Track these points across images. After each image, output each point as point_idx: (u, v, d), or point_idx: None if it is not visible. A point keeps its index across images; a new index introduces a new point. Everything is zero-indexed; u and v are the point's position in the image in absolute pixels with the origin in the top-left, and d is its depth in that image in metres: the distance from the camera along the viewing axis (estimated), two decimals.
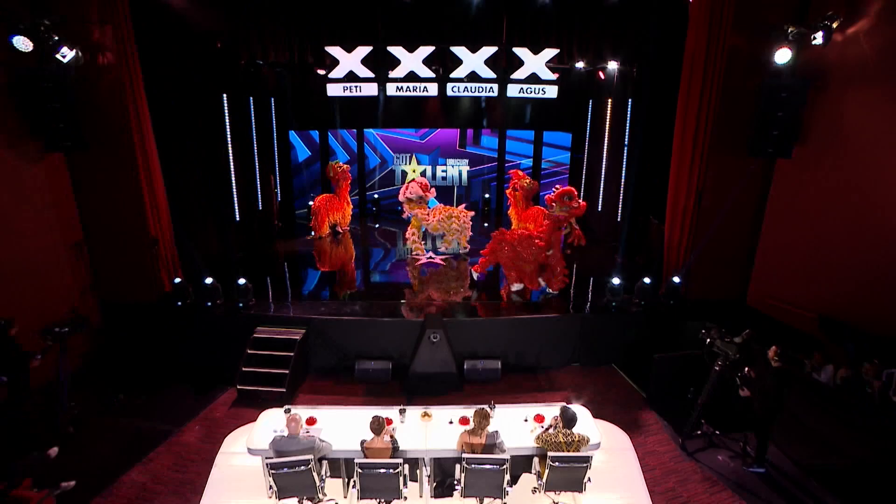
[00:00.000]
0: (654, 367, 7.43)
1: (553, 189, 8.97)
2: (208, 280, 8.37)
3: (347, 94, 9.96)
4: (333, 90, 9.94)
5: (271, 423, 5.36)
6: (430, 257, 10.91)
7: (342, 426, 5.33)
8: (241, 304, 8.38)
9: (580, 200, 8.69)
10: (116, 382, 7.58)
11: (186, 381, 7.75)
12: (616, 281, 8.54)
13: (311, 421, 5.37)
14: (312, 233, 12.26)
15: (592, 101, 12.47)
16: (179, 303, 8.36)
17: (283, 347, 7.79)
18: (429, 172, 15.05)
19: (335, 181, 12.29)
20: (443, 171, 15.08)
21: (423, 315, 8.20)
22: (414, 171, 14.90)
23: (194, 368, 7.94)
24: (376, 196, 15.01)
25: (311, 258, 11.45)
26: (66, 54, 6.57)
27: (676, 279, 8.72)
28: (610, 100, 11.49)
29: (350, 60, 9.66)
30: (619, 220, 11.16)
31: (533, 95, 10.05)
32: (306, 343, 8.08)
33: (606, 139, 11.83)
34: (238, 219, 10.82)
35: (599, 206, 12.26)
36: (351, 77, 9.78)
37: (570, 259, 10.72)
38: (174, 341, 8.18)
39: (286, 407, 5.35)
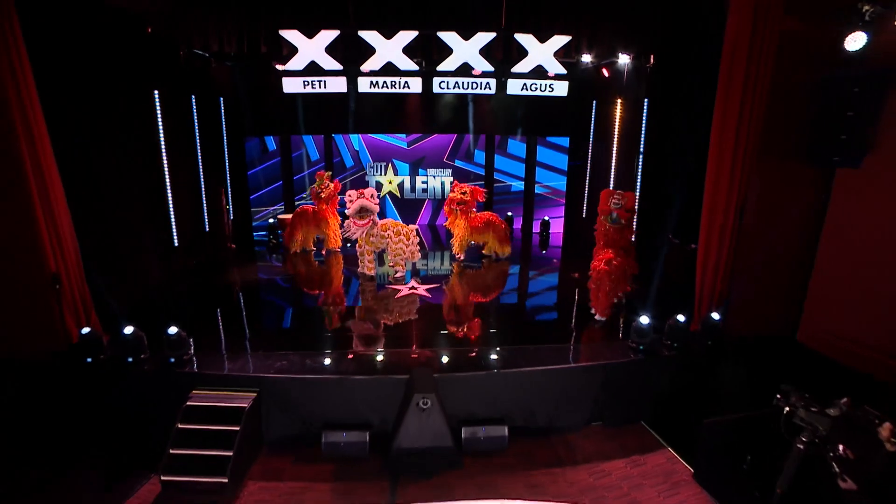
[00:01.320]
0: (702, 435, 5.92)
1: (614, 199, 8.02)
2: (128, 329, 6.52)
3: (308, 90, 8.22)
4: (291, 85, 8.19)
5: None
6: (413, 287, 9.23)
7: None
8: (172, 360, 6.56)
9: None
10: None
11: (93, 469, 5.86)
12: (644, 320, 7.05)
13: None
14: (271, 255, 10.48)
15: (597, 102, 11.07)
16: (89, 359, 6.49)
17: (227, 419, 6.01)
18: (407, 184, 13.41)
19: (319, 196, 10.54)
20: (423, 182, 13.45)
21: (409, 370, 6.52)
22: (391, 183, 13.24)
23: (105, 449, 6.07)
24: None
25: (271, 290, 9.66)
26: None
27: (716, 315, 7.27)
28: (620, 100, 10.07)
29: (312, 48, 7.87)
30: (632, 239, 9.68)
31: (538, 93, 8.51)
32: (258, 410, 6.34)
33: (615, 146, 10.40)
34: (177, 244, 8.93)
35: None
36: (313, 69, 8.02)
37: (574, 290, 9.30)
38: (79, 411, 6.29)
39: None
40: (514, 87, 8.42)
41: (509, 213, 13.37)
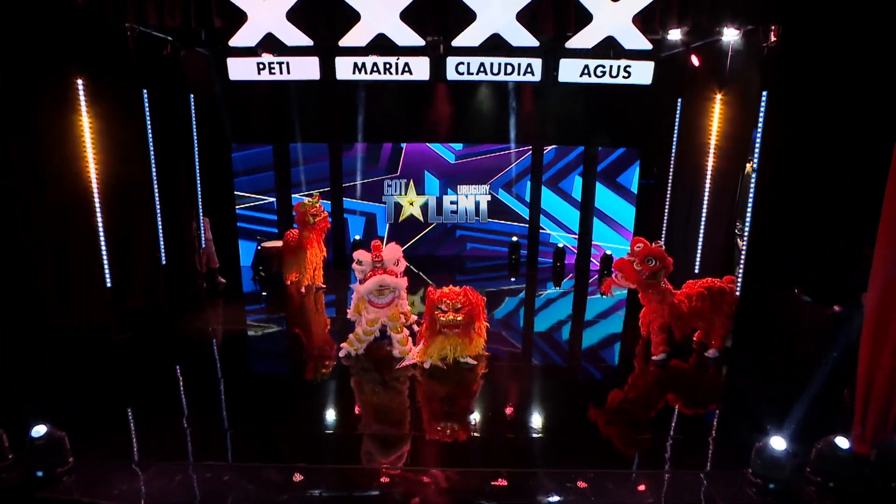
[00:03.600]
0: None
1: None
2: None
3: (265, 76, 6.19)
4: (240, 70, 6.19)
5: None
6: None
7: None
8: (39, 474, 4.53)
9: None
10: None
11: None
12: (779, 443, 4.52)
13: None
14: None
15: (683, 98, 8.53)
16: None
17: None
18: (432, 203, 11.22)
19: (304, 224, 8.78)
20: (452, 202, 11.22)
21: None
22: (412, 205, 11.11)
23: None
24: (356, 237, 11.10)
25: (232, 350, 7.65)
26: None
27: None
28: (720, 95, 7.51)
29: (267, 14, 5.76)
30: (736, 295, 7.02)
31: (608, 80, 6.10)
32: None
33: (711, 161, 7.80)
34: (110, 283, 7.00)
35: (696, 268, 8.11)
36: (271, 46, 5.92)
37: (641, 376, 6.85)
38: None
39: None
40: (569, 70, 6.02)
41: (514, 238, 11.17)
